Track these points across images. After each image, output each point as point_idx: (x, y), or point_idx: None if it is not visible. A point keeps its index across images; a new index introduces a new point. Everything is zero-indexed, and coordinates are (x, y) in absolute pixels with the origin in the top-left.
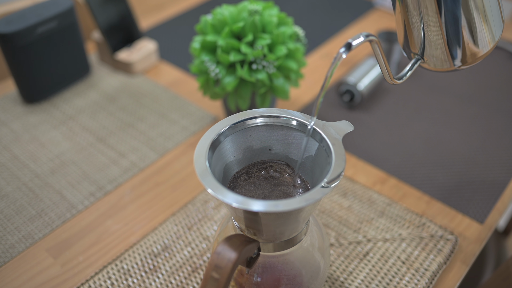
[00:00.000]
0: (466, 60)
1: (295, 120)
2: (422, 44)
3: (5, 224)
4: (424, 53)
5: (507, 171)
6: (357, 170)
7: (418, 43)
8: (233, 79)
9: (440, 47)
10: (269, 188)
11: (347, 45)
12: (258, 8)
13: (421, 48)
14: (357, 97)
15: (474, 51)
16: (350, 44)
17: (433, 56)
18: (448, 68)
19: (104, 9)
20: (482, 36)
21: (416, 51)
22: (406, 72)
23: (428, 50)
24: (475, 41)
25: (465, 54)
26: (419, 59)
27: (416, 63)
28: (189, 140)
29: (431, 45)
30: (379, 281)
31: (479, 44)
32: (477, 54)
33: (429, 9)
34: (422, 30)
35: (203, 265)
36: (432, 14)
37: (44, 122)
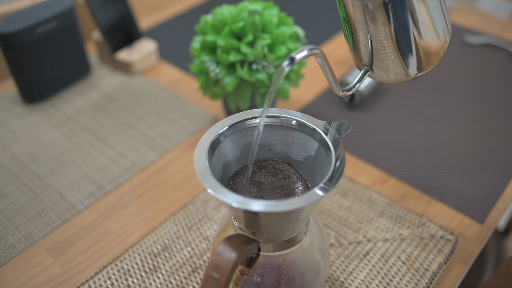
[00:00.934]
0: (422, 68)
1: (295, 120)
2: (371, 56)
3: (5, 224)
4: (373, 65)
5: (507, 171)
6: (357, 170)
7: (366, 54)
8: (233, 79)
9: (393, 58)
10: (269, 187)
11: (290, 59)
12: (258, 8)
13: (370, 60)
14: (357, 97)
15: (427, 58)
16: (293, 58)
17: (385, 68)
18: (404, 79)
19: (104, 9)
20: (434, 38)
21: (365, 63)
22: (355, 84)
23: (377, 62)
24: (427, 47)
25: (420, 61)
26: (368, 71)
27: (365, 75)
28: (189, 140)
29: (381, 56)
30: (379, 281)
31: (433, 47)
32: (430, 60)
33: (378, 21)
34: (370, 41)
35: (203, 265)
36: (381, 26)
37: (44, 122)
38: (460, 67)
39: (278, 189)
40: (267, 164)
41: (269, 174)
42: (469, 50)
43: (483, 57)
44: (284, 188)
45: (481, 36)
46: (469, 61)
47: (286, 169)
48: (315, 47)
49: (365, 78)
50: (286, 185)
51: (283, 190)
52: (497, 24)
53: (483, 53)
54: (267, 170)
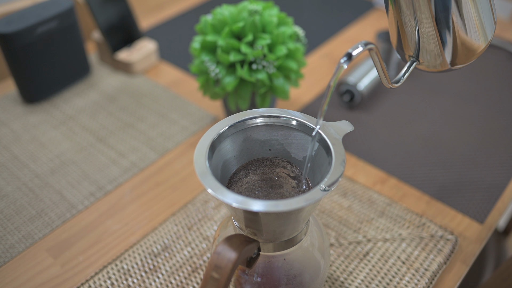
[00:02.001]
0: (461, 60)
1: (295, 120)
2: (417, 46)
3: (5, 224)
4: (420, 55)
5: (507, 171)
6: (357, 170)
7: (412, 45)
8: (233, 79)
9: (435, 48)
10: (269, 185)
11: (347, 55)
12: (258, 8)
13: (416, 50)
14: (357, 97)
15: (468, 51)
16: (350, 54)
17: (428, 57)
18: (443, 68)
19: (104, 9)
20: (476, 36)
21: (411, 53)
22: (403, 75)
23: (423, 51)
24: (469, 41)
25: (460, 54)
26: (415, 61)
27: (411, 65)
28: (189, 140)
29: (426, 46)
30: (379, 281)
31: (473, 43)
32: (471, 54)
33: (423, 10)
34: (417, 31)
35: (203, 265)
36: (427, 16)
37: (44, 122)
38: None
39: (278, 188)
40: (268, 163)
41: (270, 173)
42: None
43: (483, 57)
44: (284, 187)
45: None
46: None
47: (287, 168)
48: (369, 42)
49: (412, 69)
50: (287, 184)
51: (284, 189)
52: (497, 24)
53: (483, 53)
54: (268, 168)
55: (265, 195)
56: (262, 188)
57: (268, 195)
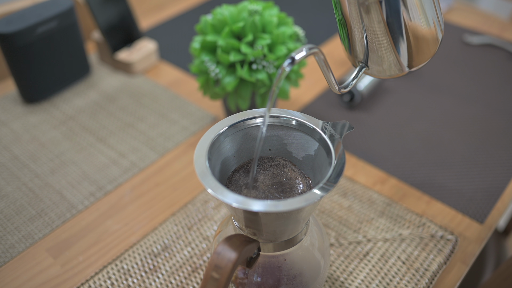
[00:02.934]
0: (415, 62)
1: (295, 120)
2: (366, 52)
3: (5, 224)
4: (369, 61)
5: (507, 171)
6: (357, 170)
7: (361, 51)
8: (233, 79)
9: (388, 53)
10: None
11: (290, 59)
12: (258, 8)
13: (365, 56)
14: (357, 97)
15: (420, 52)
16: (293, 58)
17: (380, 63)
18: (398, 74)
19: (104, 9)
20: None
21: (361, 59)
22: (351, 80)
23: (372, 57)
24: (420, 45)
25: (412, 56)
26: (364, 67)
27: (360, 71)
28: (189, 140)
29: (377, 52)
30: (379, 281)
31: (424, 44)
32: (423, 55)
33: (374, 19)
34: (365, 38)
35: (203, 265)
36: (377, 24)
37: (44, 122)
38: (460, 67)
39: (279, 186)
40: (269, 162)
41: (271, 171)
42: (469, 50)
43: (483, 57)
44: (285, 185)
45: (481, 36)
46: (469, 61)
47: (288, 166)
48: (313, 46)
49: (361, 74)
50: (287, 183)
51: (284, 187)
52: (497, 24)
53: (483, 53)
54: (269, 167)
55: (267, 193)
56: (261, 187)
57: (269, 192)
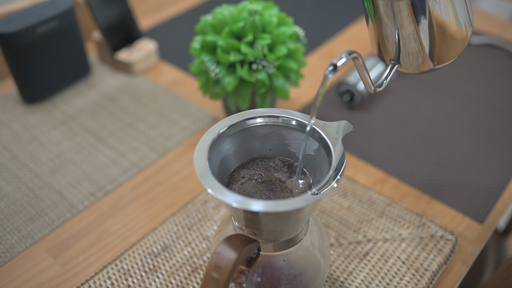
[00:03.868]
0: (443, 57)
1: (295, 120)
2: (398, 49)
3: (5, 224)
4: (400, 57)
5: (507, 171)
6: (357, 170)
7: (393, 48)
8: (233, 79)
9: (416, 47)
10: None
11: (333, 66)
12: (258, 8)
13: (397, 53)
14: (357, 97)
15: (447, 51)
16: (335, 65)
17: (409, 59)
18: (426, 68)
19: (104, 9)
20: (455, 37)
21: (392, 57)
22: (385, 78)
23: (403, 53)
24: (448, 41)
25: (441, 54)
26: (396, 64)
27: (393, 68)
28: (189, 140)
29: (407, 48)
30: (379, 281)
31: (454, 41)
32: (450, 54)
33: (404, 18)
34: (397, 34)
35: (203, 265)
36: (407, 21)
37: (44, 122)
38: (460, 67)
39: (280, 185)
40: (270, 160)
41: (272, 170)
42: (469, 50)
43: (483, 57)
44: (286, 184)
45: (481, 36)
46: (469, 61)
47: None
48: (352, 51)
49: (394, 71)
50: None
51: (285, 186)
52: (497, 24)
53: (483, 53)
54: (270, 166)
55: (265, 193)
56: (261, 186)
57: (267, 193)
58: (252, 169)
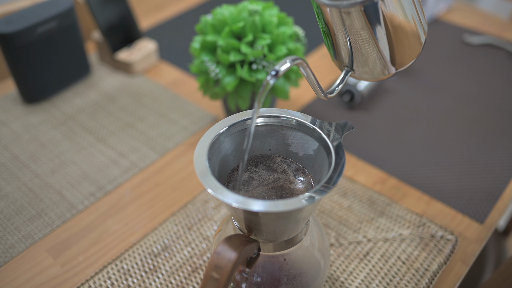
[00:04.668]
0: (396, 67)
1: (295, 120)
2: (351, 57)
3: (5, 224)
4: (354, 65)
5: (507, 171)
6: (357, 170)
7: (346, 56)
8: (233, 79)
9: (373, 57)
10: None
11: (274, 71)
12: (258, 8)
13: (350, 61)
14: (357, 97)
15: (404, 56)
16: (277, 71)
17: (365, 66)
18: (383, 76)
19: (104, 9)
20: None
21: (346, 64)
22: (337, 85)
23: (357, 62)
24: (405, 43)
25: (394, 60)
26: (349, 71)
27: (346, 75)
28: (189, 140)
29: (361, 56)
30: (379, 281)
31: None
32: (406, 59)
33: (357, 26)
34: (349, 43)
35: (203, 265)
36: (361, 30)
37: (44, 122)
38: (460, 67)
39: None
40: (269, 159)
41: (273, 169)
42: (469, 50)
43: (483, 57)
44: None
45: (481, 36)
46: (469, 61)
47: (289, 164)
48: (297, 57)
49: (347, 78)
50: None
51: (285, 185)
52: (497, 24)
53: (483, 53)
54: (270, 164)
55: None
56: (260, 185)
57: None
58: (252, 165)
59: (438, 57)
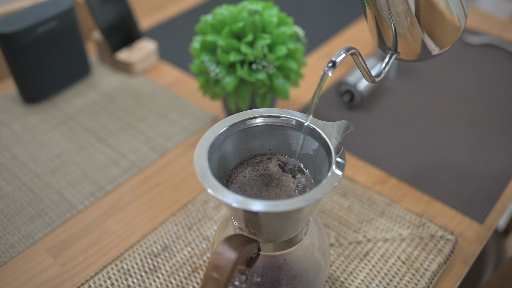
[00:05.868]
0: (442, 45)
1: (295, 120)
2: (395, 38)
3: (5, 224)
4: (398, 47)
5: (507, 171)
6: (357, 170)
7: (390, 38)
8: (233, 79)
9: (416, 39)
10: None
11: (332, 63)
12: (258, 8)
13: (394, 42)
14: (357, 97)
15: (444, 39)
16: (334, 62)
17: (408, 48)
18: (426, 57)
19: (104, 9)
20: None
21: (390, 46)
22: (383, 68)
23: (401, 43)
24: (444, 26)
25: (438, 39)
26: (394, 53)
27: (391, 58)
28: (189, 140)
29: (405, 39)
30: (379, 281)
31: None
32: (448, 39)
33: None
34: (393, 25)
35: (203, 265)
36: (403, 9)
37: (44, 122)
38: (460, 67)
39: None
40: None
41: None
42: (469, 50)
43: (483, 57)
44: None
45: (481, 36)
46: (469, 61)
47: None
48: (350, 47)
49: (392, 61)
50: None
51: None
52: (497, 24)
53: (483, 53)
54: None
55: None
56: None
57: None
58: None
59: (438, 57)
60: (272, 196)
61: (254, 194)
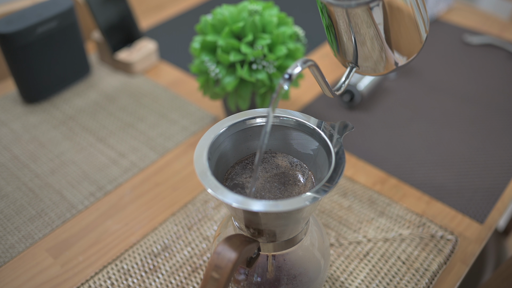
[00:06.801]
0: (399, 62)
1: (295, 120)
2: (355, 53)
3: (5, 224)
4: (358, 61)
5: (507, 171)
6: (357, 170)
7: (350, 53)
8: (233, 79)
9: (377, 53)
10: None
11: (288, 75)
12: (258, 8)
13: (355, 57)
14: (357, 97)
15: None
16: (290, 74)
17: (369, 62)
18: (389, 69)
19: (104, 9)
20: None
21: (350, 60)
22: (343, 82)
23: (362, 58)
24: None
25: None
26: (354, 67)
27: (351, 72)
28: (189, 140)
29: (366, 52)
30: (379, 281)
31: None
32: (410, 53)
33: (363, 23)
34: (354, 40)
35: (203, 265)
36: (367, 28)
37: (44, 122)
38: (460, 67)
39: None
40: (270, 157)
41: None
42: (469, 50)
43: (483, 57)
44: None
45: (481, 36)
46: (469, 61)
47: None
48: (307, 59)
49: (352, 74)
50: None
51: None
52: (497, 24)
53: (483, 53)
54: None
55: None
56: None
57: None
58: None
59: (438, 57)
60: (275, 191)
61: (257, 189)
